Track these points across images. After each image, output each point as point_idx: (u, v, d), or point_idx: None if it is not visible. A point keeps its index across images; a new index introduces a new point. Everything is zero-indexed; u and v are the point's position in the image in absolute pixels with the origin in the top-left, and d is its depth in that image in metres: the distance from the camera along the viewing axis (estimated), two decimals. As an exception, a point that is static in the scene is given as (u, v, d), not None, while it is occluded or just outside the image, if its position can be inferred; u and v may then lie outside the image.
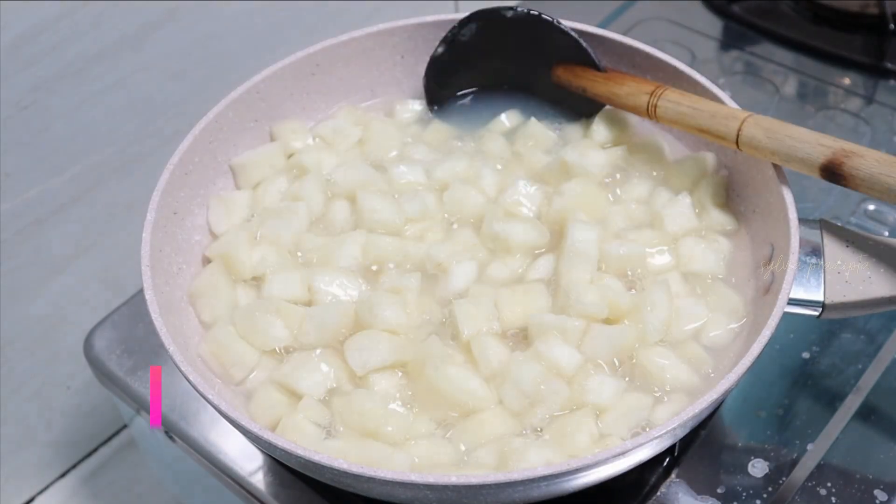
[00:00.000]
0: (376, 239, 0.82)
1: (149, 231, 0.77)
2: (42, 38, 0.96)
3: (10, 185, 1.00)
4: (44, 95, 0.99)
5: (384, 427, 0.71)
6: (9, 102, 0.96)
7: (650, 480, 0.80)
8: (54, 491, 1.23)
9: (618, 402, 0.72)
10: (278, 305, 0.77)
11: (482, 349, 0.74)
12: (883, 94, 1.14)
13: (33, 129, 1.00)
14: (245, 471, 0.84)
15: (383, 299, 0.77)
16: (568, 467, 0.62)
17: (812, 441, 0.82)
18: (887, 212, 0.99)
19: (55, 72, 0.99)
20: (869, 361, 0.87)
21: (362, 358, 0.74)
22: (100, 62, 1.02)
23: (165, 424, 0.88)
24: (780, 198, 0.77)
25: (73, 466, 1.24)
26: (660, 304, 0.76)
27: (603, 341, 0.75)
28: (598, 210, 0.85)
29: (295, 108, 0.94)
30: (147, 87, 1.08)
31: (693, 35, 1.23)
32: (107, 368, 0.92)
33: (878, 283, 0.74)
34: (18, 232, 1.04)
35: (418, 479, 0.62)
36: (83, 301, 1.14)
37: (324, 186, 0.88)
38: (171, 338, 0.71)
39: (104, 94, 1.04)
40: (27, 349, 1.11)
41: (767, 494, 0.78)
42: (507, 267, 0.80)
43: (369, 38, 0.94)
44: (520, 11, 0.90)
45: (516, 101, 0.95)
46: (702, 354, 0.76)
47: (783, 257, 0.74)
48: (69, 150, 1.04)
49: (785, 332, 0.89)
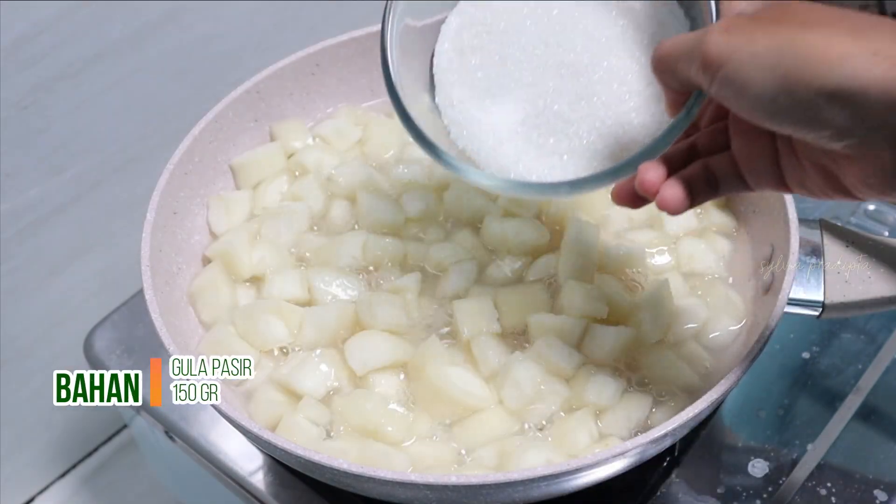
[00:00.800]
0: (376, 239, 0.82)
1: (149, 231, 0.77)
2: (42, 38, 0.96)
3: (10, 185, 1.00)
4: (44, 95, 0.99)
5: (384, 427, 0.71)
6: (9, 102, 0.96)
7: (650, 480, 0.80)
8: (54, 491, 1.23)
9: (618, 402, 0.72)
10: (278, 305, 0.77)
11: (482, 349, 0.74)
12: (883, 94, 1.14)
13: (33, 129, 1.00)
14: (245, 471, 0.84)
15: (383, 299, 0.77)
16: (568, 467, 0.62)
17: (812, 441, 0.82)
18: (887, 212, 0.99)
19: (55, 72, 0.99)
20: (869, 361, 0.87)
21: (362, 358, 0.74)
22: (100, 62, 1.02)
23: (165, 424, 0.88)
24: (780, 198, 0.77)
25: (73, 466, 1.24)
26: (660, 304, 0.76)
27: (603, 341, 0.75)
28: (598, 210, 0.85)
29: (295, 108, 0.94)
30: (147, 87, 1.08)
31: (693, 35, 1.23)
32: (107, 368, 0.92)
33: (878, 283, 0.74)
34: (18, 232, 1.04)
35: (418, 479, 0.62)
36: (83, 301, 1.14)
37: (324, 186, 0.88)
38: (171, 338, 0.71)
39: (104, 94, 1.04)
40: (27, 349, 1.11)
41: (767, 494, 0.78)
42: (507, 267, 0.80)
43: (369, 38, 0.94)
44: (520, 11, 0.90)
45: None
46: (702, 354, 0.76)
47: (783, 257, 0.74)
48: (69, 150, 1.04)
49: (785, 332, 0.89)
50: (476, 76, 0.66)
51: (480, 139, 0.65)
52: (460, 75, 0.66)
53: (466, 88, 0.66)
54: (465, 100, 0.66)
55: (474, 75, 0.66)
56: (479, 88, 0.66)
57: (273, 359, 0.77)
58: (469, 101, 0.66)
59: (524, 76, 0.65)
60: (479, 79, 0.66)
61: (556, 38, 0.65)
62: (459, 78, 0.66)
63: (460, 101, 0.66)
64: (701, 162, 0.59)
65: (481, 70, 0.66)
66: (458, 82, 0.66)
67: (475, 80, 0.66)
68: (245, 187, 0.90)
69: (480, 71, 0.66)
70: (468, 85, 0.66)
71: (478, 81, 0.66)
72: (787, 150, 0.56)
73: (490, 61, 0.66)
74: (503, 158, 0.64)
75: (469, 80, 0.66)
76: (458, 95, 0.66)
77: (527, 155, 0.64)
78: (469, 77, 0.66)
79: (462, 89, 0.66)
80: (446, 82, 0.67)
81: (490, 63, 0.66)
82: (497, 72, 0.66)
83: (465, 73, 0.66)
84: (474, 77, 0.66)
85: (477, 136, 0.65)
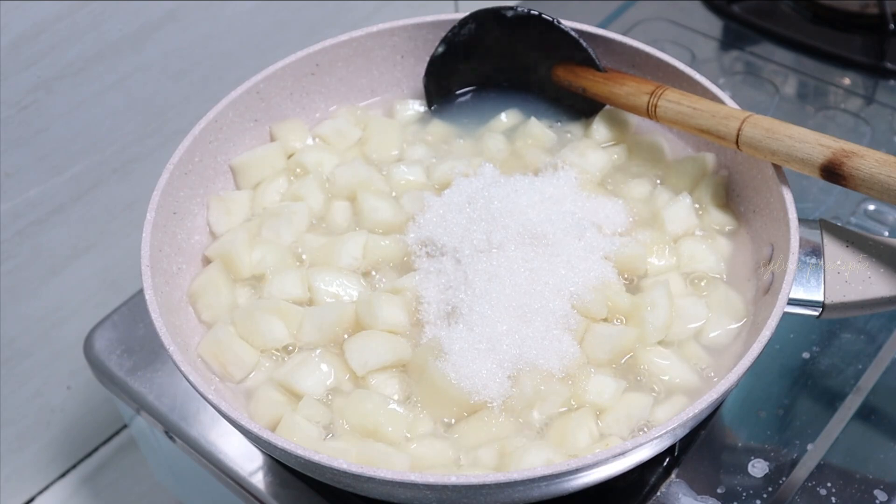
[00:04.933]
0: (376, 239, 0.82)
1: (149, 231, 0.77)
2: (42, 38, 0.96)
3: (10, 185, 1.00)
4: (44, 95, 0.99)
5: (384, 427, 0.71)
6: (9, 102, 0.96)
7: (650, 480, 0.80)
8: (54, 491, 1.23)
9: (618, 402, 0.72)
10: (278, 305, 0.77)
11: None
12: (883, 94, 1.14)
13: (33, 129, 1.00)
14: (245, 471, 0.84)
15: (383, 299, 0.77)
16: (568, 467, 0.62)
17: (812, 441, 0.82)
18: (887, 212, 0.99)
19: (55, 72, 0.99)
20: (869, 361, 0.87)
21: (362, 358, 0.74)
22: (100, 62, 1.02)
23: (165, 424, 0.88)
24: (780, 198, 0.77)
25: (73, 466, 1.24)
26: (660, 304, 0.76)
27: (603, 341, 0.75)
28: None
29: (295, 108, 0.94)
30: (147, 87, 1.08)
31: (693, 35, 1.23)
32: (107, 368, 0.92)
33: (878, 283, 0.74)
34: (18, 232, 1.04)
35: (418, 479, 0.62)
36: (83, 301, 1.14)
37: (324, 186, 0.88)
38: (171, 338, 0.71)
39: (104, 94, 1.04)
40: (27, 349, 1.11)
41: (767, 494, 0.78)
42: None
43: (369, 38, 0.94)
44: (520, 11, 0.90)
45: (516, 101, 0.95)
46: (702, 354, 0.76)
47: (783, 257, 0.74)
48: (69, 150, 1.04)
49: (785, 332, 0.89)
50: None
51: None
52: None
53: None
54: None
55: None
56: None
57: (273, 359, 0.77)
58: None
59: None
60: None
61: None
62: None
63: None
64: None
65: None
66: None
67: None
68: (245, 187, 0.90)
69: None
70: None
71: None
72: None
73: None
74: None
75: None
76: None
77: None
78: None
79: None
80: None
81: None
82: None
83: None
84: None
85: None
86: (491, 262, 0.77)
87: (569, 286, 0.76)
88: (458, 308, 0.75)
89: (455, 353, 0.72)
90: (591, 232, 0.80)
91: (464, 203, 0.82)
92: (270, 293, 0.79)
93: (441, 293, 0.77)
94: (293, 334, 0.77)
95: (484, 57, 0.94)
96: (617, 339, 0.75)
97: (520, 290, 0.75)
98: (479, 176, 0.85)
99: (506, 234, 0.78)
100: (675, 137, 0.92)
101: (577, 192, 0.83)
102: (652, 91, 0.85)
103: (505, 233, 0.78)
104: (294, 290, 0.79)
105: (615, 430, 0.71)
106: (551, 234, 0.78)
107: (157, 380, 0.91)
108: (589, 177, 0.86)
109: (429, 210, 0.82)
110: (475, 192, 0.82)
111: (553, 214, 0.80)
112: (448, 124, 0.95)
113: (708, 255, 0.82)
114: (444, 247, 0.79)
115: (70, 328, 1.14)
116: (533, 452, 0.68)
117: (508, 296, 0.75)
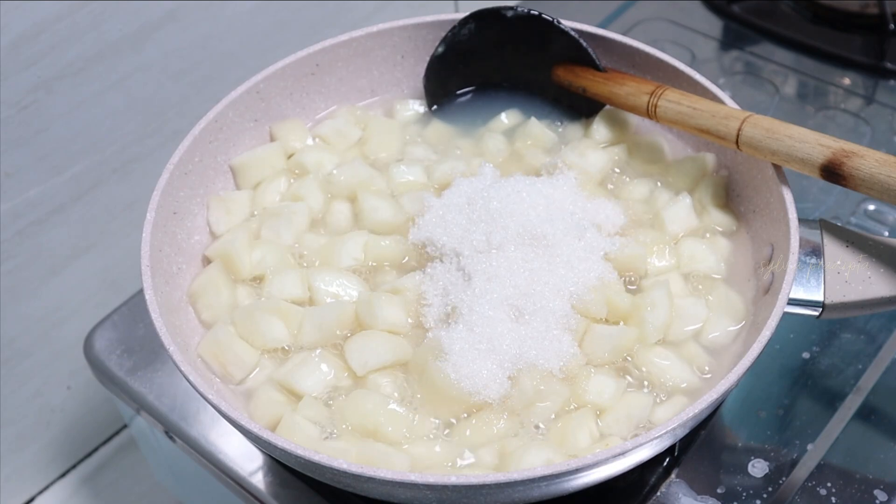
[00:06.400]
0: (376, 239, 0.82)
1: (149, 231, 0.77)
2: (42, 38, 0.96)
3: (10, 185, 1.00)
4: (44, 95, 0.99)
5: (384, 427, 0.71)
6: (9, 102, 0.96)
7: (650, 480, 0.80)
8: (54, 491, 1.23)
9: (618, 402, 0.72)
10: (278, 305, 0.77)
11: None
12: (883, 94, 1.14)
13: (33, 129, 1.00)
14: (245, 471, 0.84)
15: (383, 299, 0.77)
16: (568, 467, 0.62)
17: (812, 441, 0.82)
18: (887, 212, 0.99)
19: (55, 72, 0.99)
20: (869, 361, 0.87)
21: (362, 358, 0.74)
22: (100, 62, 1.02)
23: (165, 424, 0.88)
24: (780, 198, 0.77)
25: (73, 466, 1.24)
26: (660, 305, 0.76)
27: (603, 341, 0.75)
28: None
29: (295, 108, 0.94)
30: (147, 87, 1.08)
31: (693, 35, 1.23)
32: (107, 368, 0.92)
33: (878, 283, 0.74)
34: (18, 232, 1.04)
35: (418, 479, 0.62)
36: (83, 301, 1.14)
37: (324, 186, 0.88)
38: (171, 338, 0.71)
39: (104, 94, 1.04)
40: (27, 349, 1.11)
41: (767, 494, 0.78)
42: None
43: (369, 38, 0.94)
44: (520, 11, 0.90)
45: (516, 101, 0.95)
46: (702, 355, 0.76)
47: (783, 257, 0.74)
48: (69, 150, 1.04)
49: (785, 332, 0.89)
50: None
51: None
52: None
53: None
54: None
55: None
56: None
57: (273, 359, 0.77)
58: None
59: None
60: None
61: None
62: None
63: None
64: None
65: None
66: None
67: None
68: (245, 187, 0.90)
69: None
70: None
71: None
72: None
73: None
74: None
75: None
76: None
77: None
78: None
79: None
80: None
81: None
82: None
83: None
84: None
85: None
86: (491, 263, 0.77)
87: (569, 286, 0.76)
88: (459, 308, 0.75)
89: (455, 353, 0.72)
90: (591, 232, 0.80)
91: (464, 203, 0.82)
92: (270, 293, 0.79)
93: (441, 293, 0.77)
94: (293, 334, 0.77)
95: (484, 57, 0.94)
96: (617, 340, 0.75)
97: (520, 290, 0.75)
98: (479, 176, 0.85)
99: (506, 235, 0.78)
100: (675, 137, 0.92)
101: (576, 193, 0.83)
102: (652, 91, 0.85)
103: (505, 233, 0.78)
104: (294, 290, 0.79)
105: (615, 431, 0.71)
106: (551, 234, 0.78)
107: (157, 380, 0.91)
108: (589, 177, 0.86)
109: (429, 210, 0.82)
110: (475, 193, 0.82)
111: (553, 215, 0.80)
112: (448, 124, 0.95)
113: (708, 255, 0.82)
114: (444, 247, 0.79)
115: (70, 328, 1.14)
116: (533, 452, 0.68)
117: (508, 296, 0.75)
